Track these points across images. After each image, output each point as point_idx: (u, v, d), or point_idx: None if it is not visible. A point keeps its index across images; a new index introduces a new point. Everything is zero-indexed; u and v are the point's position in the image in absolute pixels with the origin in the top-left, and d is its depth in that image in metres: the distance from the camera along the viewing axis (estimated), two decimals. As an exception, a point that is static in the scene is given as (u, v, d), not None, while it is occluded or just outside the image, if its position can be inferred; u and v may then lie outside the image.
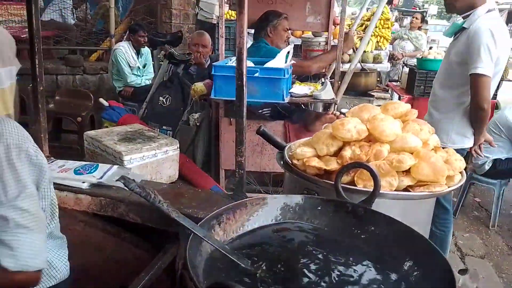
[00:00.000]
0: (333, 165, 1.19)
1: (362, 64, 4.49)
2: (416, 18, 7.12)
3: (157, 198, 0.88)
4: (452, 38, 2.53)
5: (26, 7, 1.48)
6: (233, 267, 0.84)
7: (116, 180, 0.87)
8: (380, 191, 1.03)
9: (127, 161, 2.17)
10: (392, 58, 6.60)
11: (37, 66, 1.51)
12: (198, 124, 3.30)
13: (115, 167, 1.57)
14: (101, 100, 3.46)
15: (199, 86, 2.96)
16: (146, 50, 5.16)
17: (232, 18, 6.04)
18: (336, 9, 4.92)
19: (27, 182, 1.00)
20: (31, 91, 1.53)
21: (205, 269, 0.84)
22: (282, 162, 1.39)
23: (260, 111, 3.08)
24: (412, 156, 1.20)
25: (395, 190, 1.17)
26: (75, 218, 1.25)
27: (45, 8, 6.60)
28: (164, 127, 3.52)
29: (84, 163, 1.56)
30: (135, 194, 1.29)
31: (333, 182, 1.13)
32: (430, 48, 7.61)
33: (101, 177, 1.47)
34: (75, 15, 7.05)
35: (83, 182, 1.45)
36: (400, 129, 1.25)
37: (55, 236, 1.21)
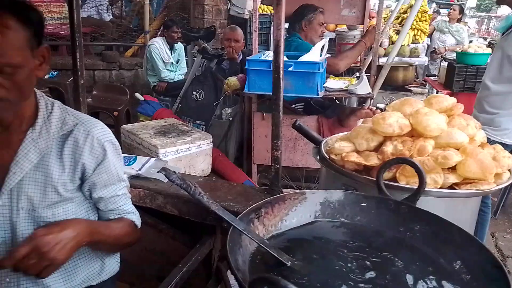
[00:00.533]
0: (374, 160, 1.15)
1: (398, 58, 4.36)
2: (454, 10, 6.83)
3: (197, 190, 0.88)
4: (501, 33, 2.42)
5: (68, 4, 1.51)
6: (272, 262, 0.83)
7: (158, 172, 0.88)
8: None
9: (162, 154, 2.21)
10: (434, 52, 6.36)
11: (78, 60, 1.55)
12: (230, 118, 3.31)
13: (153, 159, 1.59)
14: (137, 94, 3.53)
15: (233, 80, 2.96)
16: (179, 46, 5.22)
17: (264, 12, 6.02)
18: (371, 1, 4.80)
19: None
20: (73, 85, 1.57)
21: (245, 263, 0.83)
22: (318, 157, 1.37)
23: (293, 105, 3.05)
24: (458, 152, 1.15)
25: (439, 188, 1.13)
26: (115, 209, 1.28)
27: (83, 5, 6.80)
28: (197, 121, 3.55)
29: (123, 155, 1.59)
30: (174, 186, 1.30)
31: (373, 178, 1.10)
32: (470, 41, 7.29)
33: (140, 169, 1.50)
34: (111, 12, 7.22)
35: (123, 174, 1.48)
36: (445, 124, 1.20)
37: None
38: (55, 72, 4.94)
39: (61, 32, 5.99)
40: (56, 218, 1.09)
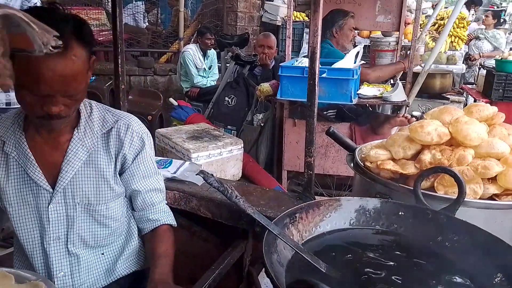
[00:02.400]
0: (411, 169, 1.14)
1: (435, 65, 4.25)
2: (487, 16, 6.60)
3: (234, 193, 0.90)
4: None
5: (112, 13, 1.58)
6: (307, 268, 0.83)
7: (196, 174, 0.90)
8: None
9: (195, 158, 2.25)
10: (468, 59, 6.16)
11: (119, 66, 1.61)
12: (262, 124, 3.33)
13: (187, 163, 1.63)
14: (171, 99, 3.62)
15: (265, 86, 2.98)
16: (212, 52, 5.31)
17: (297, 19, 6.03)
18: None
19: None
20: (112, 89, 1.63)
21: (280, 266, 0.84)
22: (352, 164, 1.36)
23: (325, 112, 3.04)
24: (499, 163, 1.11)
25: (479, 198, 1.09)
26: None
27: (120, 13, 7.02)
28: (228, 126, 3.59)
29: (159, 158, 1.64)
30: (208, 189, 1.33)
31: (410, 187, 1.08)
32: (511, 49, 7.02)
33: (175, 172, 1.54)
34: (146, 19, 7.44)
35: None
36: (486, 133, 1.16)
37: None
38: (93, 77, 5.13)
39: (99, 39, 6.21)
40: (111, 211, 1.17)
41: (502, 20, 6.99)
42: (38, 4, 2.65)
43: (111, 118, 1.18)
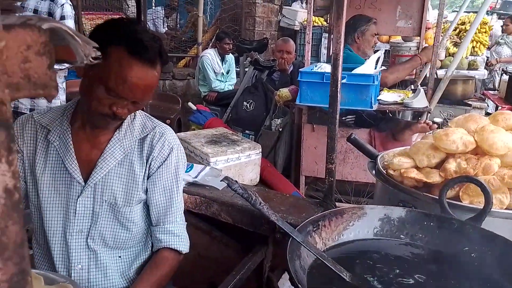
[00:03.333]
0: (435, 178, 1.12)
1: (456, 70, 4.18)
2: (507, 25, 6.49)
3: (258, 200, 0.91)
4: None
5: (137, 18, 1.61)
6: (330, 275, 0.83)
7: (221, 181, 0.91)
8: (491, 209, 0.95)
9: (213, 163, 2.27)
10: (486, 64, 6.07)
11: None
12: (280, 129, 3.33)
13: (208, 167, 1.64)
14: (190, 104, 3.65)
15: (284, 92, 2.98)
16: (230, 57, 5.34)
17: (315, 24, 6.02)
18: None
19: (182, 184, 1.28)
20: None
21: (303, 274, 0.84)
22: (374, 172, 1.35)
23: (344, 118, 3.02)
24: (527, 173, 1.09)
25: (505, 208, 1.07)
26: (172, 214, 1.33)
27: (141, 18, 7.14)
28: (246, 131, 3.61)
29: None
30: (229, 194, 1.34)
31: (434, 196, 1.07)
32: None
33: (196, 176, 1.55)
34: (166, 24, 7.54)
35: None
36: (513, 142, 1.14)
37: None
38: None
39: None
40: (133, 215, 1.19)
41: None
42: (66, 5, 2.72)
43: (150, 124, 1.22)
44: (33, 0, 2.70)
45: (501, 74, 5.38)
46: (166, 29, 7.49)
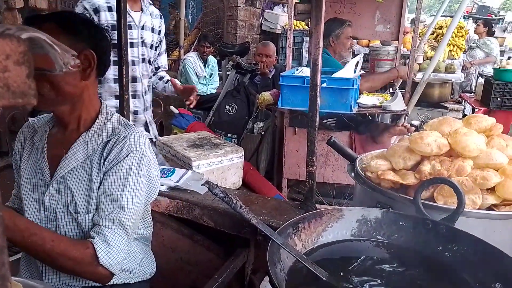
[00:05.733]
0: (411, 179, 1.16)
1: (433, 74, 4.29)
2: (478, 25, 6.73)
3: (238, 203, 0.92)
4: None
5: (117, 22, 1.61)
6: (309, 276, 0.85)
7: (201, 185, 0.92)
8: (464, 209, 0.99)
9: (195, 167, 2.27)
10: (462, 68, 6.26)
11: (124, 76, 1.63)
12: (262, 132, 3.35)
13: (190, 172, 1.64)
14: (172, 107, 3.64)
15: (266, 95, 3.01)
16: (212, 60, 5.35)
17: (296, 28, 6.08)
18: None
19: (142, 195, 1.15)
20: (119, 98, 1.66)
21: (283, 275, 0.85)
22: (353, 174, 1.38)
23: (324, 121, 3.06)
24: (497, 173, 1.13)
25: (478, 209, 1.11)
26: (153, 218, 1.33)
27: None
28: (229, 134, 3.62)
29: (162, 167, 1.65)
30: (210, 198, 1.34)
31: (410, 197, 1.10)
32: (509, 58, 7.09)
33: (178, 181, 1.56)
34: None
35: (162, 185, 1.54)
36: (484, 144, 1.18)
37: (145, 237, 1.31)
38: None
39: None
40: (88, 224, 1.12)
41: (493, 30, 7.10)
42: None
43: (122, 131, 1.16)
44: None
45: (477, 77, 5.55)
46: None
